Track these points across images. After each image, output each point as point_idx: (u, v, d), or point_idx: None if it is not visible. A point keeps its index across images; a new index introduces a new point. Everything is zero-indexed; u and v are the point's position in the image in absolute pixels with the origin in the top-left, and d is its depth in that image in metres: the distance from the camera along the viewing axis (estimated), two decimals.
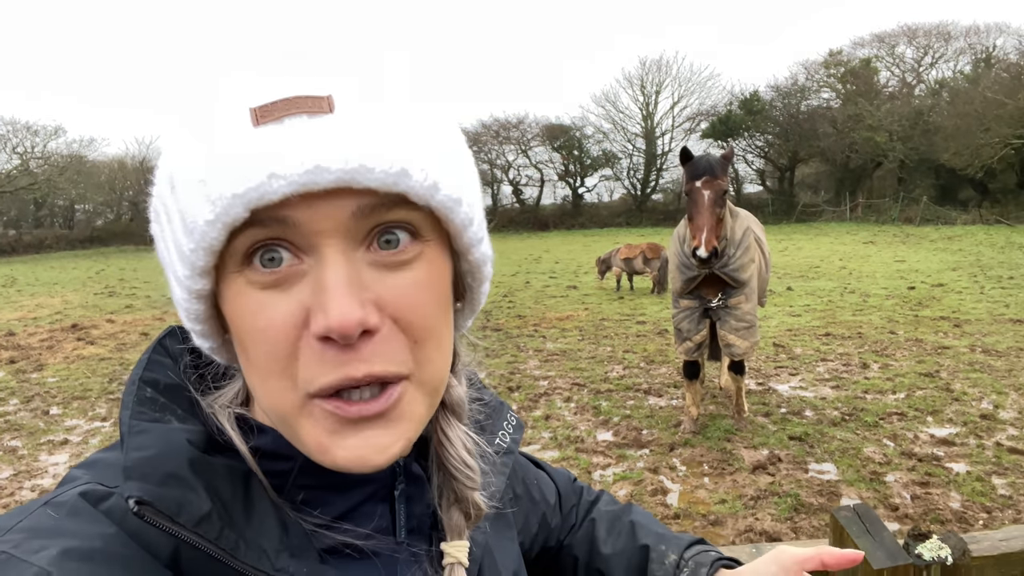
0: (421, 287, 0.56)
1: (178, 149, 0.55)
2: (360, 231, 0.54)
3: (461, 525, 0.70)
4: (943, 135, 34.16)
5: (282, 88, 0.53)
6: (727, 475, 5.08)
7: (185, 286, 0.55)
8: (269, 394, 0.56)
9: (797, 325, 10.42)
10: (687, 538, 0.94)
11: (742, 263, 5.41)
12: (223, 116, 0.53)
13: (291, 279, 0.53)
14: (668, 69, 53.02)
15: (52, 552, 0.49)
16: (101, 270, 26.56)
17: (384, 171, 0.52)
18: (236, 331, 0.56)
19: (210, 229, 0.51)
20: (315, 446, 0.55)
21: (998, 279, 14.32)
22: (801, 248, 23.46)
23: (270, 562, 0.55)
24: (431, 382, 0.59)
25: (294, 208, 0.51)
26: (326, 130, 0.52)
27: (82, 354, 10.27)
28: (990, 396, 6.57)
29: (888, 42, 43.29)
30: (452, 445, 0.70)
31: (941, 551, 0.89)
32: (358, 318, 0.51)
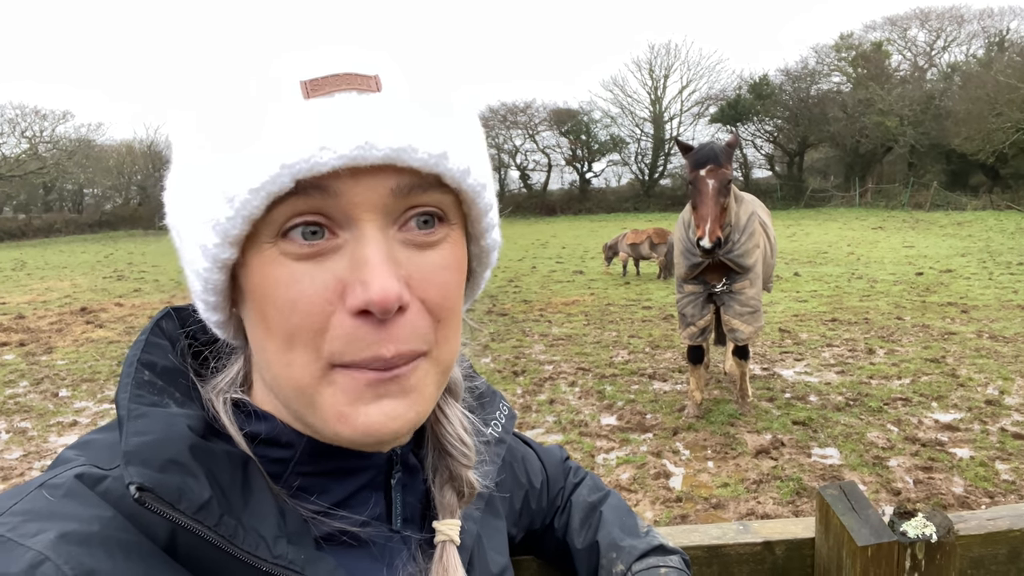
0: (447, 268, 0.58)
1: (216, 117, 0.55)
2: (396, 210, 0.55)
3: (454, 504, 0.71)
4: (954, 120, 33.85)
5: (332, 64, 0.54)
6: (730, 459, 5.10)
7: (212, 255, 0.55)
8: (290, 366, 0.56)
9: (803, 310, 10.39)
10: (642, 546, 0.91)
11: (746, 249, 5.40)
12: (273, 86, 0.53)
13: (327, 253, 0.54)
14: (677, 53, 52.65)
15: (50, 535, 0.49)
16: (110, 254, 26.70)
17: (428, 152, 0.53)
18: (261, 302, 0.56)
19: (253, 197, 0.51)
20: (334, 415, 0.56)
21: (1007, 265, 14.23)
22: (809, 234, 23.35)
23: (268, 549, 0.55)
24: (445, 361, 0.61)
25: (338, 181, 0.52)
26: (376, 108, 0.53)
27: (91, 337, 10.35)
28: (996, 382, 6.56)
29: (900, 25, 42.88)
30: (449, 423, 0.71)
31: (926, 529, 0.90)
32: (397, 293, 0.53)
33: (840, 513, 0.92)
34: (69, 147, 46.06)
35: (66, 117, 46.36)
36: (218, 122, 0.55)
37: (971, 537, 0.97)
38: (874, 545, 0.88)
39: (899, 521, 0.91)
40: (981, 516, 1.00)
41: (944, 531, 0.90)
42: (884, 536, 0.89)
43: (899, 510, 0.92)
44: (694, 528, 0.99)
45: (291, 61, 0.54)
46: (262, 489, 0.58)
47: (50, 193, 51.01)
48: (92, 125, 49.00)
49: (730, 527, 0.99)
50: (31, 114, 44.39)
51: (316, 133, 0.51)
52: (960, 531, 0.96)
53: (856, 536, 0.88)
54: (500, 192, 46.81)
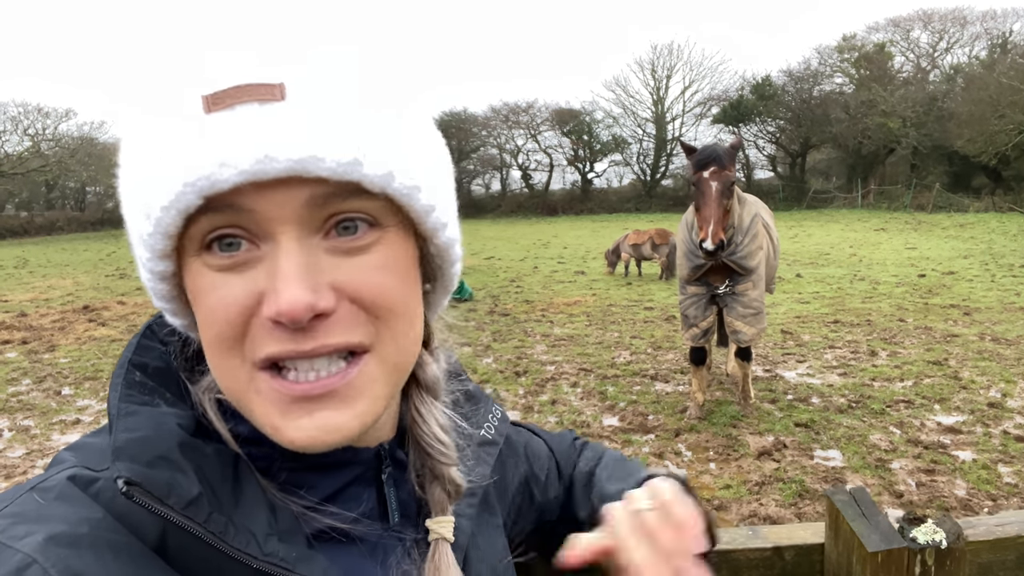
0: (380, 269, 0.57)
1: (134, 136, 0.56)
2: (316, 220, 0.54)
3: (444, 501, 0.70)
4: (957, 121, 33.81)
5: (235, 75, 0.53)
6: (732, 461, 5.10)
7: (147, 267, 0.57)
8: (223, 372, 0.57)
9: (806, 312, 10.39)
10: (631, 485, 0.87)
11: (750, 251, 5.40)
12: (175, 103, 0.53)
13: (248, 264, 0.54)
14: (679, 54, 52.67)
15: (38, 538, 0.49)
16: (112, 252, 26.72)
17: (336, 160, 0.51)
18: (195, 311, 0.57)
19: (165, 215, 0.52)
20: (270, 428, 0.56)
21: (1009, 267, 14.22)
22: (811, 235, 23.34)
23: (259, 546, 0.55)
24: (393, 358, 0.59)
25: (247, 196, 0.51)
26: (276, 118, 0.51)
27: (93, 335, 10.37)
28: (998, 384, 6.55)
29: (903, 27, 42.84)
30: (425, 423, 0.70)
31: (936, 535, 0.90)
32: (307, 303, 0.51)
33: (850, 519, 0.92)
34: (71, 145, 46.05)
35: (69, 115, 46.30)
36: (132, 139, 0.56)
37: (979, 543, 0.97)
38: (884, 551, 0.88)
39: (909, 527, 0.91)
40: (989, 522, 1.01)
41: (953, 537, 0.90)
42: (894, 542, 0.89)
43: (908, 516, 0.93)
44: None
45: (194, 74, 0.54)
46: (252, 487, 0.58)
47: (52, 191, 51.07)
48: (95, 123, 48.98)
49: (740, 532, 0.99)
50: (34, 112, 44.43)
51: (215, 149, 0.50)
52: (968, 537, 0.96)
53: (866, 542, 0.89)
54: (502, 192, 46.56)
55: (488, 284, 14.37)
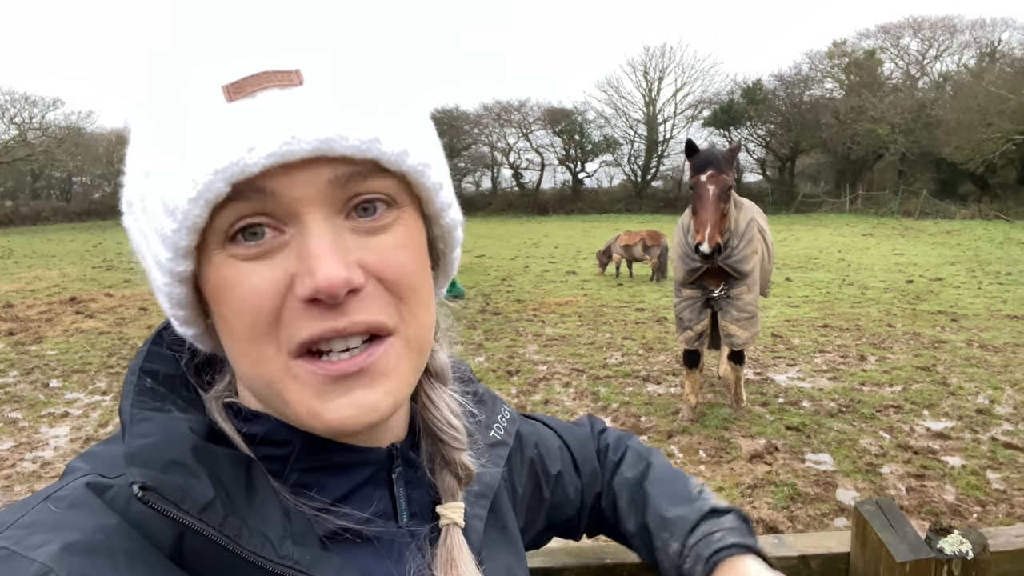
0: (401, 247, 0.59)
1: (150, 133, 0.56)
2: (339, 200, 0.55)
3: (454, 488, 0.71)
4: (945, 129, 34.10)
5: (251, 64, 0.55)
6: (724, 463, 5.13)
7: (167, 269, 0.56)
8: (253, 363, 0.57)
9: (795, 316, 10.46)
10: (693, 515, 0.88)
11: (745, 255, 5.43)
12: (195, 95, 0.54)
13: (274, 250, 0.55)
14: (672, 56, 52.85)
15: (53, 547, 0.49)
16: (98, 243, 26.48)
17: (358, 138, 0.54)
18: (218, 305, 0.57)
19: (193, 207, 0.52)
20: (305, 411, 0.57)
21: (996, 275, 14.37)
22: (800, 239, 23.48)
23: (274, 549, 0.55)
24: (417, 339, 0.61)
25: (273, 179, 0.53)
26: (299, 102, 0.53)
27: (81, 327, 10.27)
28: (986, 391, 6.63)
29: (893, 34, 43.17)
30: (437, 408, 0.72)
31: (962, 546, 0.91)
32: (344, 278, 0.53)
33: (878, 529, 0.93)
34: (58, 134, 45.55)
35: (56, 104, 45.82)
36: (149, 136, 0.56)
37: (1000, 554, 0.98)
38: (912, 561, 0.89)
39: (936, 538, 0.92)
40: (1009, 533, 1.02)
41: (979, 548, 0.91)
42: (922, 553, 0.90)
43: (935, 527, 0.94)
44: None
45: (211, 66, 0.55)
46: (266, 490, 0.58)
47: (38, 180, 50.49)
48: (82, 113, 48.52)
49: (766, 540, 1.00)
50: (20, 100, 43.90)
51: (243, 135, 0.51)
52: (991, 548, 0.98)
53: (895, 552, 0.90)
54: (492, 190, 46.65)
55: (479, 283, 14.36)
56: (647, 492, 0.92)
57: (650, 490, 0.92)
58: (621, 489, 0.95)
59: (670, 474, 0.94)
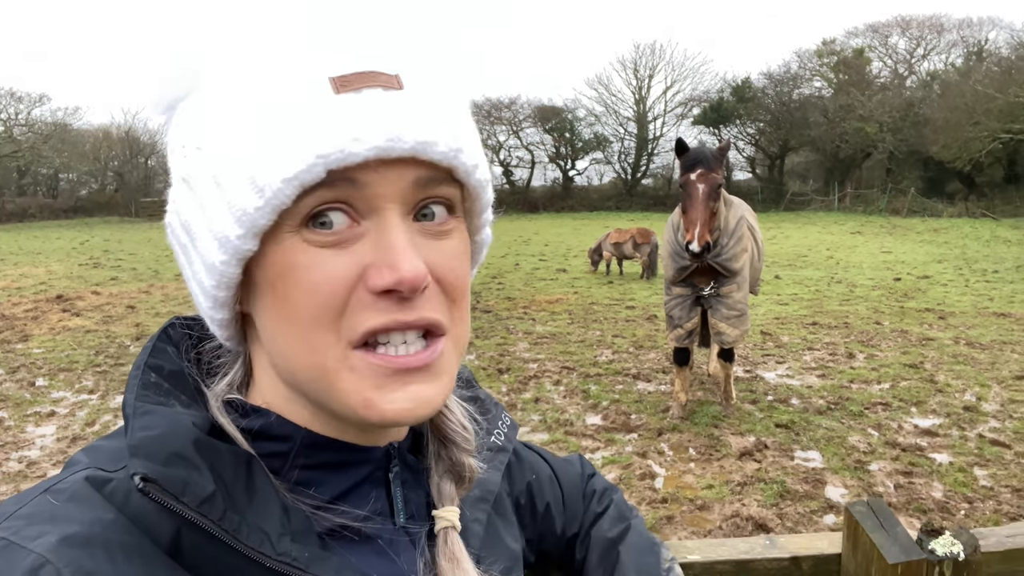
0: (459, 255, 0.61)
1: (239, 110, 0.56)
2: (413, 200, 0.58)
3: (452, 493, 0.72)
4: (933, 127, 34.33)
5: (359, 61, 0.57)
6: (714, 461, 5.14)
7: (233, 247, 0.56)
8: (310, 350, 0.57)
9: (784, 314, 10.51)
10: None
11: (734, 253, 5.44)
12: (304, 82, 0.55)
13: (349, 240, 0.56)
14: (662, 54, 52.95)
15: (51, 539, 0.50)
16: (85, 241, 26.27)
17: (448, 146, 0.57)
18: (283, 288, 0.56)
19: (285, 187, 0.53)
20: (359, 401, 0.57)
21: (983, 272, 14.49)
22: (789, 237, 23.59)
23: (272, 546, 0.55)
24: (462, 340, 0.64)
25: (366, 172, 0.55)
26: (401, 104, 0.56)
27: (67, 326, 10.19)
28: (973, 388, 6.68)
29: (882, 32, 43.39)
30: (450, 411, 0.74)
31: (954, 547, 0.91)
32: (425, 272, 0.56)
33: (869, 530, 0.93)
34: (45, 131, 45.18)
35: (42, 100, 45.42)
36: (237, 113, 0.56)
37: (991, 554, 0.98)
38: (904, 563, 0.89)
39: (927, 539, 0.92)
40: (1000, 533, 1.02)
41: (971, 549, 0.91)
42: (913, 554, 0.90)
43: (926, 528, 0.93)
44: (721, 543, 1.00)
45: (320, 57, 0.57)
46: (266, 486, 0.59)
47: (24, 177, 49.94)
48: (69, 109, 48.19)
49: (757, 541, 0.99)
50: (6, 96, 43.52)
51: (348, 125, 0.53)
52: (982, 548, 0.97)
53: (886, 554, 0.89)
54: None
55: None
56: (620, 556, 0.91)
57: (623, 556, 0.91)
58: (596, 543, 0.93)
59: (646, 544, 0.93)
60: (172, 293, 13.20)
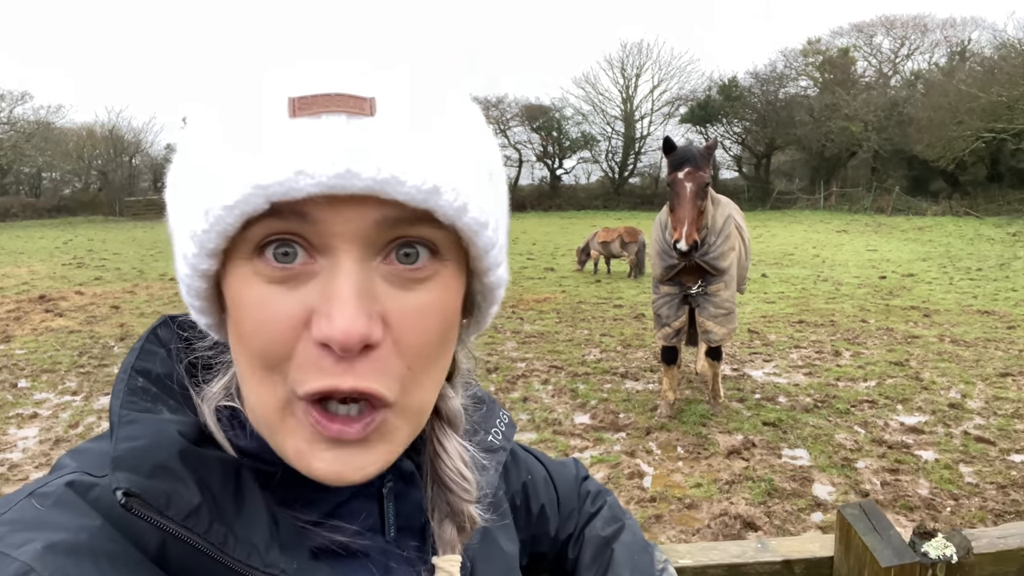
0: (431, 311, 0.54)
1: (207, 127, 0.53)
2: (380, 241, 0.52)
3: (454, 539, 0.69)
4: (917, 127, 34.61)
5: (325, 81, 0.51)
6: (702, 459, 5.15)
7: (191, 263, 0.54)
8: (256, 390, 0.54)
9: (771, 312, 10.55)
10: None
11: (722, 251, 5.45)
12: (259, 101, 0.51)
13: (301, 278, 0.51)
14: (649, 53, 53.07)
15: (36, 546, 0.48)
16: (68, 240, 26.00)
17: (416, 186, 0.49)
18: (235, 319, 0.54)
19: (227, 215, 0.49)
20: (293, 451, 0.54)
21: (967, 270, 14.62)
22: (776, 235, 23.71)
23: (260, 557, 0.54)
24: (414, 407, 0.57)
25: (316, 207, 0.49)
26: (363, 133, 0.49)
27: (50, 326, 10.07)
28: (958, 385, 6.73)
29: (866, 32, 43.72)
30: (449, 457, 0.69)
31: (946, 549, 0.90)
32: (361, 333, 0.49)
33: (862, 533, 0.92)
34: (27, 129, 44.65)
35: (25, 98, 44.87)
36: (203, 125, 0.54)
37: (983, 556, 0.98)
38: (897, 566, 0.88)
39: (920, 541, 0.91)
40: (992, 535, 1.01)
41: (963, 551, 0.91)
42: (906, 557, 0.89)
43: (919, 530, 0.93)
44: (713, 546, 0.99)
45: (282, 75, 0.52)
46: (254, 496, 0.57)
47: (6, 176, 49.27)
48: (52, 107, 47.46)
49: (749, 545, 0.98)
50: None
51: (296, 155, 0.48)
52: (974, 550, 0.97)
53: (879, 557, 0.88)
54: None
55: None
56: (615, 555, 0.90)
57: (618, 554, 0.90)
58: (589, 542, 0.93)
59: (640, 544, 0.92)
60: (157, 293, 13.08)
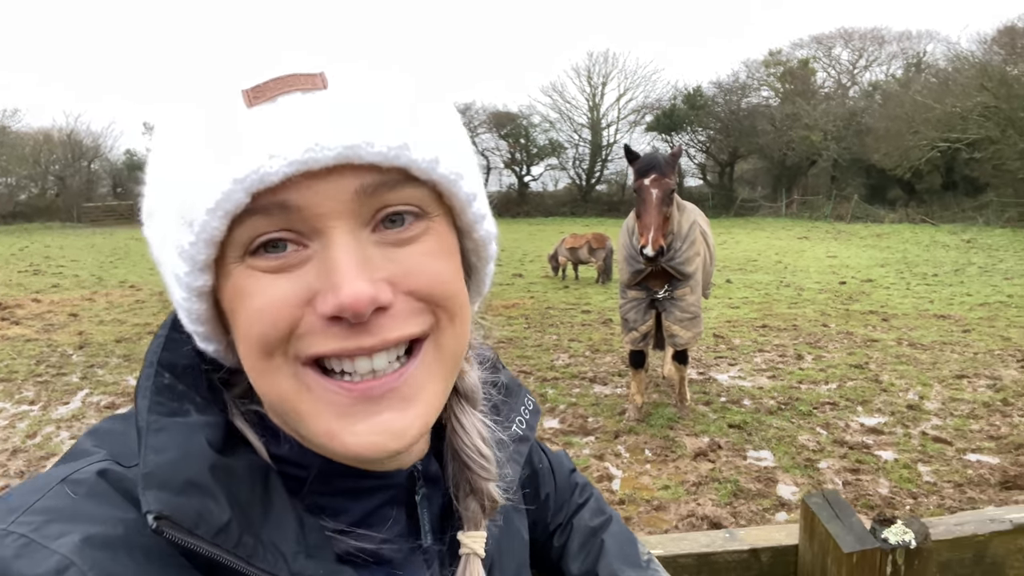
0: (433, 256, 0.55)
1: (169, 141, 0.53)
2: (366, 212, 0.52)
3: (478, 515, 0.68)
4: (874, 136, 35.49)
5: (273, 67, 0.52)
6: (670, 462, 5.21)
7: (185, 284, 0.53)
8: (265, 377, 0.54)
9: (736, 317, 10.71)
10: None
11: (687, 256, 5.54)
12: (215, 100, 0.51)
13: (296, 264, 0.52)
14: (615, 62, 53.60)
15: (74, 538, 0.48)
16: (25, 247, 25.32)
17: (385, 144, 0.50)
18: (234, 316, 0.54)
19: (211, 219, 0.49)
20: (325, 433, 0.53)
21: (923, 276, 15.01)
22: (739, 242, 24.08)
23: (287, 565, 0.53)
24: (450, 349, 0.57)
25: (296, 190, 0.49)
26: (322, 106, 0.50)
27: (6, 335, 9.80)
28: (916, 387, 6.90)
29: (825, 44, 44.75)
30: (467, 433, 0.69)
31: (905, 535, 0.94)
32: (370, 295, 0.50)
33: (825, 521, 0.95)
34: None
35: None
36: (166, 143, 0.54)
37: (940, 542, 1.02)
38: (859, 552, 0.91)
39: (880, 528, 0.95)
40: (948, 522, 1.06)
41: (922, 537, 0.94)
42: (868, 543, 0.92)
43: (879, 517, 0.96)
44: (683, 536, 1.01)
45: (230, 71, 0.53)
46: (282, 501, 0.56)
47: None
48: (7, 111, 46.31)
49: (718, 535, 1.01)
50: None
51: (262, 141, 0.48)
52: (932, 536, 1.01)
53: (842, 543, 0.92)
54: None
55: None
56: (604, 544, 0.92)
57: (608, 544, 0.92)
58: (577, 531, 0.94)
59: (627, 536, 0.95)
60: (117, 300, 12.80)
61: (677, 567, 0.96)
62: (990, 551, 1.04)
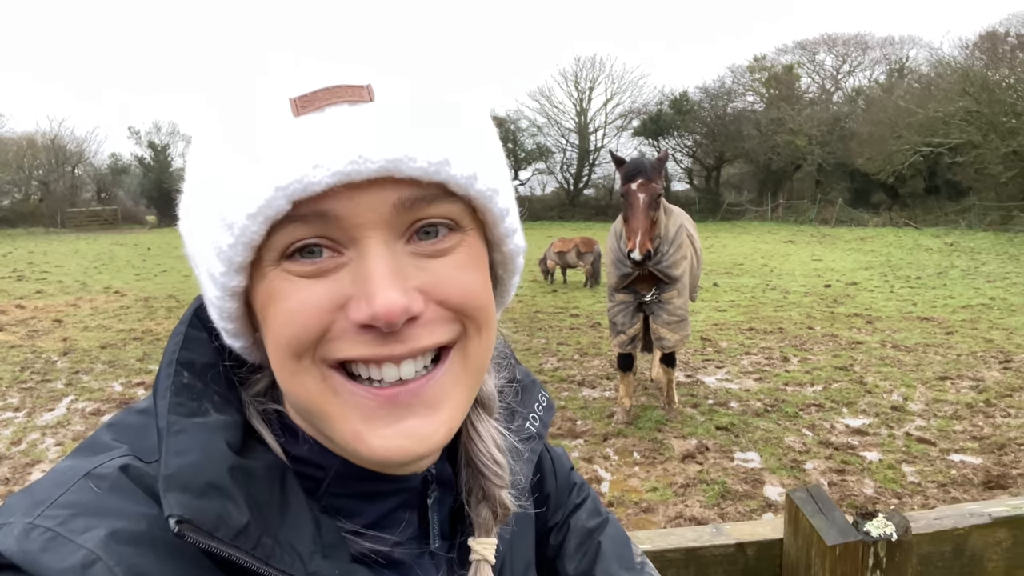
0: (465, 268, 0.56)
1: (215, 143, 0.54)
2: (402, 224, 0.53)
3: (489, 522, 0.69)
4: (858, 141, 35.83)
5: (321, 77, 0.53)
6: (658, 464, 5.24)
7: (220, 283, 0.54)
8: (294, 379, 0.55)
9: (723, 320, 10.78)
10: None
11: (675, 260, 5.58)
12: (262, 107, 0.52)
13: (331, 270, 0.53)
14: (602, 67, 53.83)
15: (100, 533, 0.49)
16: (8, 253, 25.06)
17: (427, 160, 0.51)
18: (265, 317, 0.55)
19: (251, 223, 0.50)
20: (351, 434, 0.54)
21: (907, 279, 15.17)
22: (726, 246, 24.22)
23: (303, 565, 0.54)
24: (476, 359, 0.59)
25: (336, 200, 0.50)
26: (368, 119, 0.51)
27: None
28: (900, 389, 6.98)
29: (810, 49, 45.17)
30: (482, 441, 0.70)
31: (887, 528, 0.96)
32: (403, 305, 0.51)
33: (809, 515, 0.97)
34: None
35: None
36: (211, 144, 0.54)
37: (921, 536, 1.04)
38: (842, 544, 0.94)
39: (862, 521, 0.97)
40: (929, 516, 1.08)
41: (902, 530, 0.97)
42: (850, 536, 0.95)
43: (861, 511, 0.99)
44: (671, 532, 1.03)
45: (279, 78, 0.54)
46: (299, 502, 0.57)
47: None
48: None
49: (704, 530, 1.03)
50: None
51: (308, 151, 0.49)
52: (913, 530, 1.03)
53: (825, 536, 0.94)
54: None
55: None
56: (601, 546, 0.92)
57: (605, 546, 0.92)
58: (574, 531, 0.94)
59: (623, 538, 0.95)
60: (101, 306, 12.70)
61: (665, 562, 0.98)
62: (969, 544, 1.07)
